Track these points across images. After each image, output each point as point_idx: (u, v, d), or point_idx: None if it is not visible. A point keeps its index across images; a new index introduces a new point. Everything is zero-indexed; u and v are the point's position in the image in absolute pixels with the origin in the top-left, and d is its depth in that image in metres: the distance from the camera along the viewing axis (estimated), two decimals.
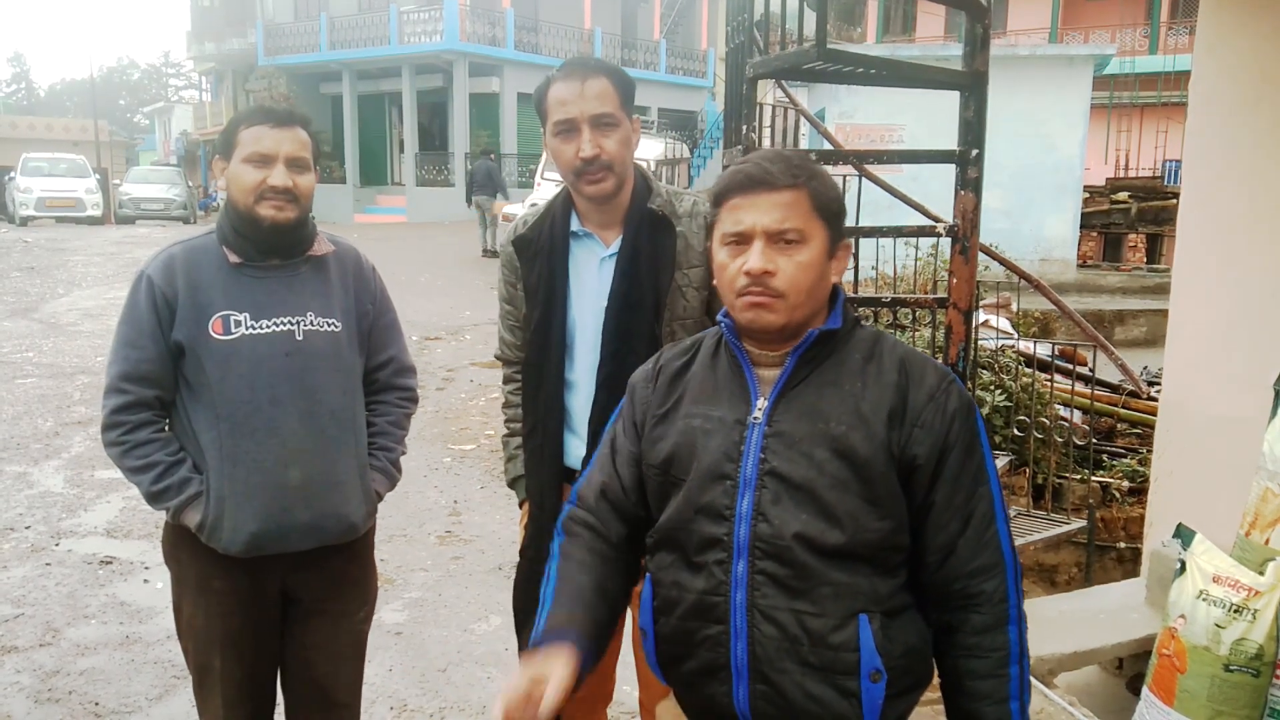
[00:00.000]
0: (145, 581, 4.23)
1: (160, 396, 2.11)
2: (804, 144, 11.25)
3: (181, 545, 2.17)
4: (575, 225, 2.11)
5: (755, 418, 1.44)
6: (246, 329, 2.09)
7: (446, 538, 4.72)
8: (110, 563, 4.43)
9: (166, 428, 2.15)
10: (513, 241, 2.19)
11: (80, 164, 24.33)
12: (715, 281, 1.52)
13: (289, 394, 2.10)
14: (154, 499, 2.10)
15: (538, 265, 2.12)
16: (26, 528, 4.80)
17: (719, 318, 1.53)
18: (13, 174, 23.57)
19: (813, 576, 1.39)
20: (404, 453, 2.41)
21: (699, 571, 1.45)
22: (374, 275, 2.34)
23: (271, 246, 2.13)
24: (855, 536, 1.39)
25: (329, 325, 2.17)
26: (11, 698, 3.29)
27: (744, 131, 3.64)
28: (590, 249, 2.11)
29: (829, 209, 1.47)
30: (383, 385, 2.36)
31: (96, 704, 3.27)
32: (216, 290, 2.09)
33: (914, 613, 1.46)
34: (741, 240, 1.44)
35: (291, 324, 2.12)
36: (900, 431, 1.41)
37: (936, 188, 5.48)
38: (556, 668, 1.37)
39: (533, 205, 2.65)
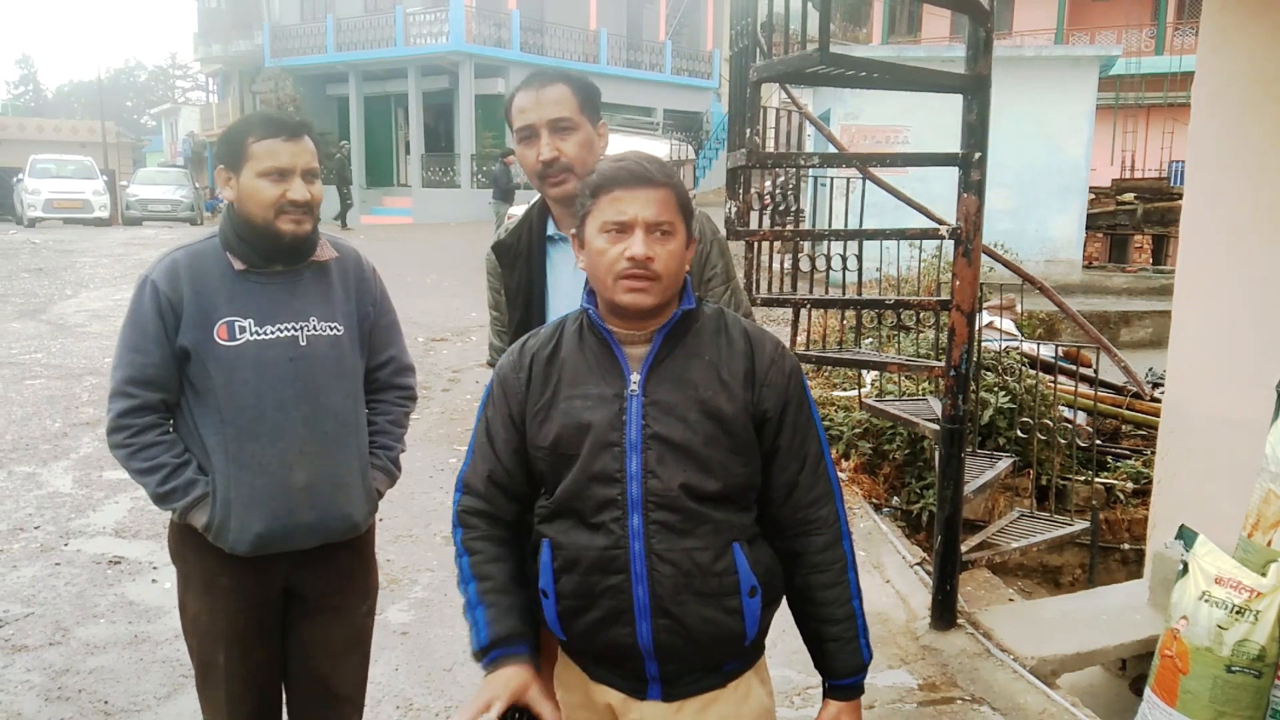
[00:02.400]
0: (153, 581, 4.26)
1: (165, 400, 2.14)
2: (808, 146, 11.23)
3: (187, 543, 2.20)
4: (552, 230, 2.18)
5: (632, 390, 1.63)
6: (251, 335, 2.12)
7: (452, 538, 4.74)
8: (119, 562, 4.46)
9: (171, 430, 2.18)
10: (493, 247, 2.26)
11: (88, 165, 24.37)
12: (586, 265, 1.67)
13: (294, 399, 2.14)
14: (161, 500, 2.13)
15: (517, 270, 2.19)
16: (36, 528, 4.84)
17: (583, 304, 1.70)
18: (21, 175, 23.60)
19: (696, 518, 1.60)
20: (404, 450, 2.45)
21: (597, 531, 1.62)
22: (374, 277, 2.37)
23: (278, 255, 2.16)
24: (727, 482, 1.62)
25: (331, 329, 2.21)
26: (22, 696, 3.32)
27: (748, 135, 3.66)
28: (566, 252, 2.15)
29: (687, 208, 1.70)
30: (383, 384, 2.40)
31: (106, 702, 3.30)
32: (221, 296, 2.12)
33: (764, 540, 1.71)
34: (623, 229, 1.61)
35: (295, 329, 2.16)
36: (754, 391, 1.65)
37: (941, 189, 5.50)
38: (532, 690, 1.61)
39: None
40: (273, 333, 2.13)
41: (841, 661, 1.71)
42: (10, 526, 4.83)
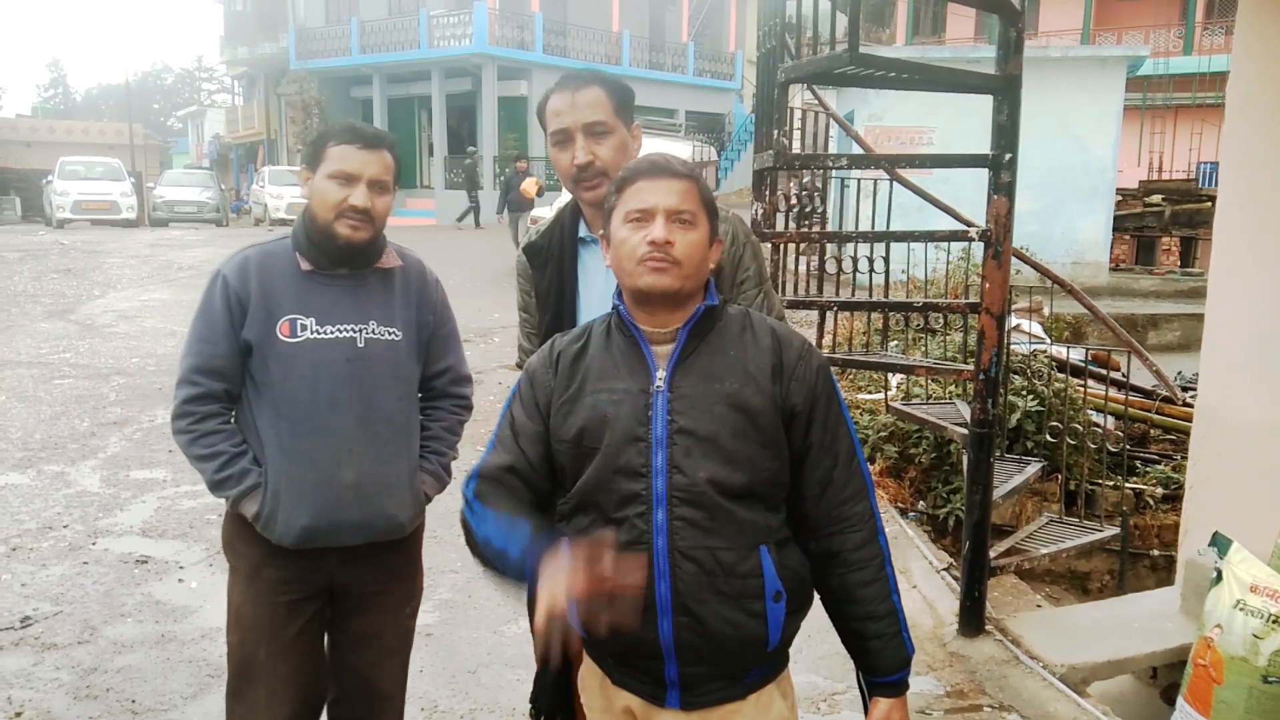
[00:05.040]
0: (180, 581, 4.28)
1: (229, 390, 2.21)
2: (833, 147, 11.19)
3: (238, 535, 2.26)
4: (583, 232, 2.17)
5: (658, 386, 1.64)
6: (312, 333, 2.18)
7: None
8: (146, 562, 4.48)
9: (232, 420, 2.25)
10: (524, 248, 2.26)
11: (115, 167, 24.62)
12: (610, 258, 1.70)
13: (347, 398, 2.19)
14: (216, 487, 2.20)
15: (548, 271, 2.18)
16: (65, 526, 4.88)
17: (614, 301, 1.72)
18: (50, 177, 23.91)
19: (722, 516, 1.60)
20: (455, 458, 2.48)
21: (619, 526, 1.61)
22: (437, 287, 2.43)
23: (343, 260, 2.22)
24: (753, 476, 1.62)
25: (390, 334, 2.26)
26: (51, 694, 3.35)
27: (775, 135, 3.64)
28: (597, 255, 2.15)
29: (710, 205, 1.72)
30: (439, 393, 2.44)
31: (133, 701, 3.32)
32: (287, 294, 2.19)
33: (795, 544, 1.70)
34: (645, 217, 1.64)
35: (354, 331, 2.22)
36: (781, 385, 1.66)
37: (965, 190, 5.45)
38: (601, 549, 1.45)
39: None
40: (332, 333, 2.20)
41: (887, 658, 1.71)
42: (39, 525, 4.88)
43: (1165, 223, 16.73)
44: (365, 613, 2.33)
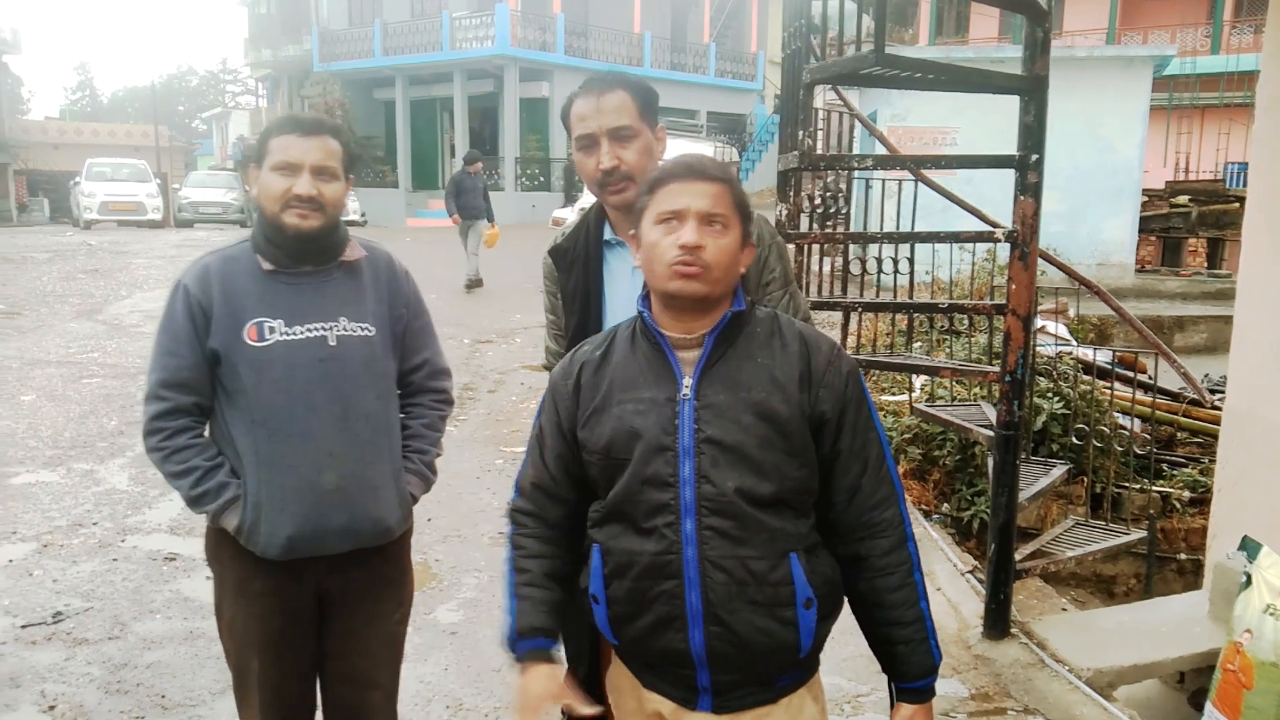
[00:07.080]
0: (207, 578, 4.26)
1: (199, 403, 2.15)
2: (857, 147, 11.15)
3: (223, 547, 2.21)
4: (608, 235, 2.17)
5: (684, 394, 1.62)
6: (280, 335, 2.12)
7: (500, 538, 4.73)
8: (174, 559, 4.54)
9: (205, 433, 2.19)
10: (550, 251, 2.25)
11: (142, 169, 24.90)
12: (642, 260, 1.69)
13: (323, 399, 2.13)
14: (193, 503, 2.14)
15: (574, 274, 2.17)
16: (94, 524, 4.94)
17: (638, 308, 1.70)
18: (78, 179, 24.21)
19: (751, 525, 1.59)
20: (439, 454, 2.42)
21: (649, 535, 1.62)
22: (407, 279, 2.35)
23: (302, 254, 2.16)
24: (781, 485, 1.61)
25: (362, 330, 2.20)
26: (83, 689, 3.39)
27: (800, 136, 3.64)
28: (623, 257, 2.15)
29: (744, 208, 1.70)
30: (417, 388, 2.38)
31: (163, 696, 3.36)
32: (251, 297, 2.13)
33: (824, 549, 1.69)
34: (676, 220, 1.63)
35: (325, 330, 2.15)
36: (809, 392, 1.64)
37: (989, 191, 5.42)
38: (556, 686, 1.67)
39: (583, 210, 2.65)
40: (302, 333, 2.13)
41: (913, 664, 1.70)
42: (70, 522, 4.94)
43: (1192, 224, 16.55)
44: (354, 621, 2.27)
